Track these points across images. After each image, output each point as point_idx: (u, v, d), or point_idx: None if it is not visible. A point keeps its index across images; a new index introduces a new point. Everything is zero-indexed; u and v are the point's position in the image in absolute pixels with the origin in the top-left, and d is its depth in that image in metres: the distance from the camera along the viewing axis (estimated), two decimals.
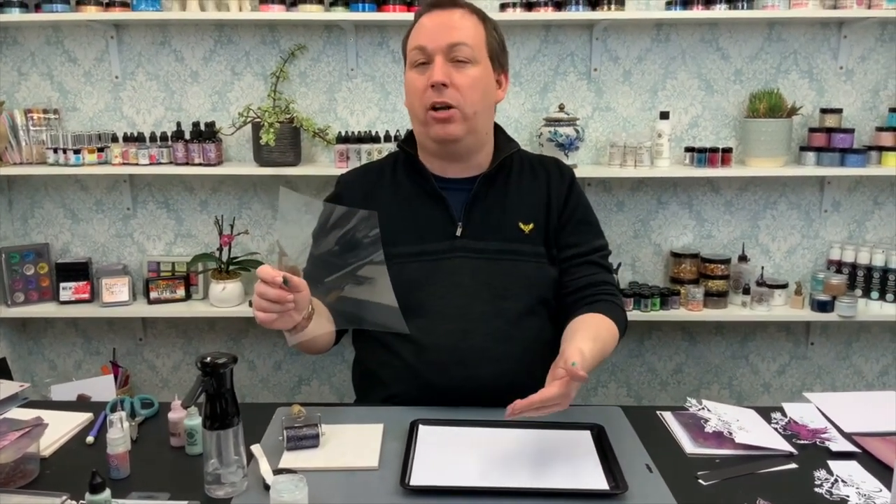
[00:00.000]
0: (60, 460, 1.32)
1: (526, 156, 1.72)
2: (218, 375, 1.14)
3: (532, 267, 1.59)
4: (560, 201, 1.64)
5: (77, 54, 2.68)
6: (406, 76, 1.58)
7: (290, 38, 2.66)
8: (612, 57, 2.68)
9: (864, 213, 2.77)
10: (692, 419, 1.47)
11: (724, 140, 2.72)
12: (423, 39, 1.53)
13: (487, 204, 1.61)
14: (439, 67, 1.50)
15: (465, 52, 1.51)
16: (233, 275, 2.63)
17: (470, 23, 1.55)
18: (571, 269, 1.62)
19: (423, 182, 1.62)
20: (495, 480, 1.21)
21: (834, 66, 2.67)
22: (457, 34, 1.51)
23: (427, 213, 1.60)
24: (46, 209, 2.79)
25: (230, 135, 2.67)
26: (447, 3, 1.56)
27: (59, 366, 2.91)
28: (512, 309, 1.56)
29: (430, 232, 1.59)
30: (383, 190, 1.65)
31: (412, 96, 1.56)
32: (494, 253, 1.58)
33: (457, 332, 1.53)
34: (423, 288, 1.55)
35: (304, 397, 2.91)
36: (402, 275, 1.52)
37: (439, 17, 1.54)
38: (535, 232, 1.61)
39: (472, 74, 1.53)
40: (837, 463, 1.30)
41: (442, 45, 1.51)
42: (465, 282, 1.56)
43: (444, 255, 1.58)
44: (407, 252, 1.57)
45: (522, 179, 1.65)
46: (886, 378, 2.89)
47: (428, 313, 1.54)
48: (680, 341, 2.87)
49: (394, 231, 1.56)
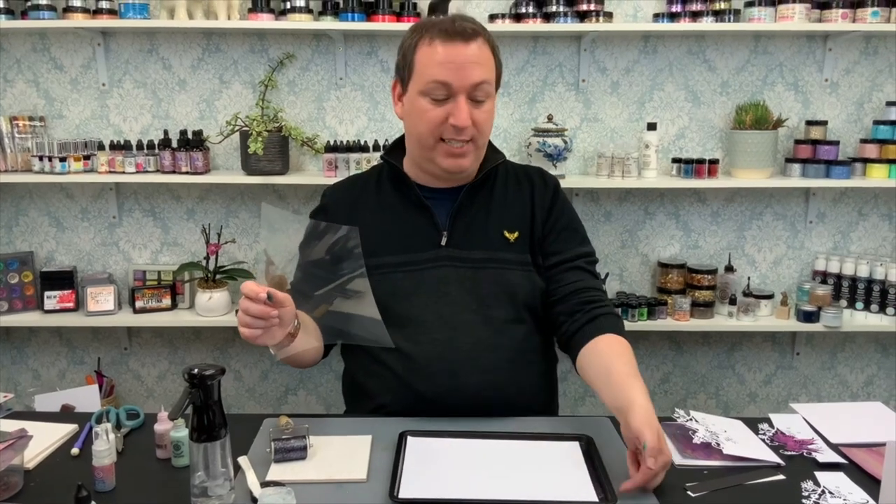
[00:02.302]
0: (45, 472, 1.31)
1: (511, 166, 1.73)
2: (205, 387, 1.14)
3: (517, 275, 1.59)
4: (544, 210, 1.65)
5: (64, 61, 2.66)
6: (415, 99, 1.53)
7: (278, 47, 2.66)
8: (600, 68, 2.69)
9: (848, 225, 2.79)
10: (680, 430, 1.47)
11: (711, 151, 2.74)
12: (447, 76, 1.48)
13: (472, 213, 1.62)
14: (464, 111, 1.49)
15: (485, 91, 1.51)
16: (219, 284, 2.62)
17: (488, 56, 1.53)
18: (557, 276, 1.62)
19: (408, 192, 1.62)
20: (484, 492, 1.20)
21: (819, 78, 2.70)
22: (479, 72, 1.49)
23: (412, 222, 1.61)
24: (31, 217, 2.76)
25: (218, 143, 2.66)
26: (470, 34, 1.50)
27: (43, 375, 2.88)
28: (498, 317, 1.56)
29: (415, 241, 1.59)
30: (368, 201, 1.65)
31: (422, 124, 1.53)
32: (479, 261, 1.58)
33: (443, 341, 1.53)
34: (409, 297, 1.56)
35: (290, 407, 2.90)
36: (387, 284, 1.53)
37: (462, 52, 1.49)
38: (520, 240, 1.61)
39: (488, 109, 1.54)
40: (824, 474, 1.31)
41: (466, 86, 1.49)
42: (450, 290, 1.56)
43: (429, 265, 1.58)
44: (392, 262, 1.57)
45: (507, 189, 1.66)
46: (871, 388, 2.91)
47: (414, 322, 1.54)
48: (667, 351, 2.88)
49: (379, 241, 1.57)
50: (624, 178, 2.59)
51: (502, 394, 1.54)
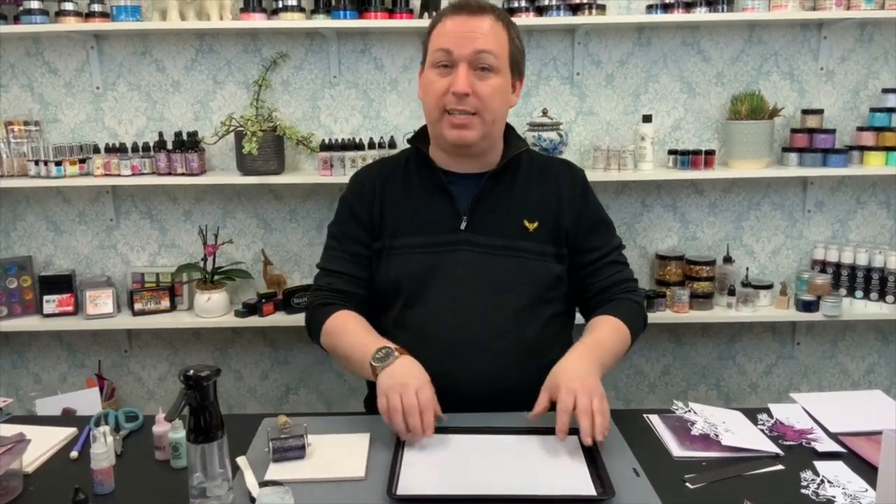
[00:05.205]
0: (44, 476, 1.31)
1: (536, 156, 1.76)
2: (201, 388, 1.14)
3: (534, 264, 1.61)
4: (574, 205, 1.67)
5: (57, 65, 2.66)
6: (424, 73, 1.60)
7: (271, 47, 2.65)
8: (595, 61, 2.68)
9: (847, 213, 2.79)
10: (678, 422, 1.47)
11: (707, 142, 2.74)
12: (449, 43, 1.53)
13: (493, 200, 1.64)
14: (463, 76, 1.52)
15: (489, 61, 1.53)
16: (218, 285, 2.62)
17: (496, 31, 1.55)
18: (596, 272, 1.67)
19: (432, 176, 1.66)
20: (482, 488, 1.20)
21: (814, 66, 2.69)
22: (483, 41, 1.52)
23: (434, 206, 1.64)
24: (29, 222, 2.76)
25: (213, 144, 2.66)
26: (476, 8, 1.56)
27: (44, 379, 2.88)
28: (510, 304, 1.59)
29: (436, 224, 1.63)
30: (395, 183, 1.69)
31: (429, 95, 1.58)
32: (497, 248, 1.61)
33: (452, 323, 1.57)
34: (424, 278, 1.60)
35: (291, 407, 2.90)
36: (405, 264, 1.60)
37: (467, 23, 1.54)
38: (540, 230, 1.63)
39: (493, 84, 1.55)
40: (823, 463, 1.31)
41: (467, 53, 1.52)
42: (466, 275, 1.59)
43: (447, 248, 1.61)
44: (412, 243, 1.62)
45: (531, 178, 1.68)
46: (872, 377, 2.90)
47: (427, 302, 1.59)
48: (667, 343, 2.88)
49: (401, 223, 1.63)
50: (620, 171, 2.58)
51: (508, 380, 1.56)
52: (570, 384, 1.33)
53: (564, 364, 1.42)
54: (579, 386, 1.32)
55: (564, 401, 1.30)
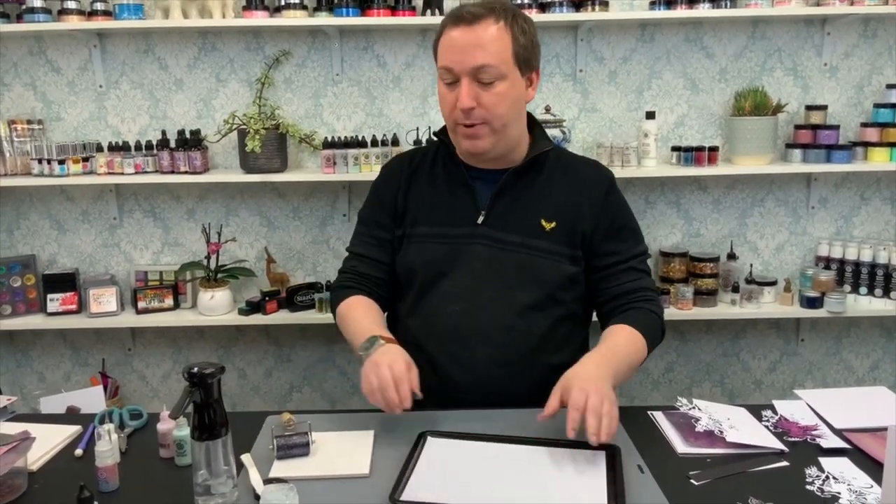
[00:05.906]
0: (49, 474, 1.31)
1: (563, 155, 1.75)
2: (205, 386, 1.14)
3: (546, 263, 1.61)
4: (596, 208, 1.65)
5: (60, 64, 2.66)
6: (439, 87, 1.60)
7: (274, 44, 2.65)
8: (598, 58, 2.68)
9: (851, 209, 2.78)
10: (683, 419, 1.47)
11: (711, 139, 2.73)
12: (449, 61, 1.53)
13: (513, 197, 1.64)
14: (465, 92, 1.51)
15: (490, 74, 1.51)
16: (221, 283, 2.62)
17: (497, 36, 1.51)
18: (610, 277, 1.65)
19: (455, 170, 1.68)
20: (487, 498, 1.18)
21: (818, 62, 2.68)
22: (481, 56, 1.49)
23: (454, 199, 1.66)
24: (32, 220, 2.77)
25: (216, 142, 2.66)
26: (474, 16, 1.51)
27: (48, 377, 2.88)
28: (520, 301, 1.59)
29: (454, 217, 1.65)
30: (422, 173, 1.72)
31: (442, 108, 1.60)
32: (512, 245, 1.61)
33: (461, 314, 1.58)
34: (438, 267, 1.62)
35: (295, 405, 2.90)
36: (421, 252, 1.64)
37: (465, 36, 1.51)
38: (557, 230, 1.62)
39: (499, 91, 1.53)
40: (828, 460, 1.30)
41: (466, 69, 1.51)
42: (479, 267, 1.61)
43: (464, 240, 1.62)
44: (429, 232, 1.65)
45: (553, 178, 1.67)
46: (877, 373, 2.90)
47: (438, 292, 1.62)
48: (671, 340, 2.87)
49: (422, 212, 1.66)
50: (623, 168, 2.58)
51: (512, 375, 1.56)
52: (584, 384, 1.31)
53: (577, 369, 1.40)
54: (592, 387, 1.30)
55: (576, 398, 1.29)
